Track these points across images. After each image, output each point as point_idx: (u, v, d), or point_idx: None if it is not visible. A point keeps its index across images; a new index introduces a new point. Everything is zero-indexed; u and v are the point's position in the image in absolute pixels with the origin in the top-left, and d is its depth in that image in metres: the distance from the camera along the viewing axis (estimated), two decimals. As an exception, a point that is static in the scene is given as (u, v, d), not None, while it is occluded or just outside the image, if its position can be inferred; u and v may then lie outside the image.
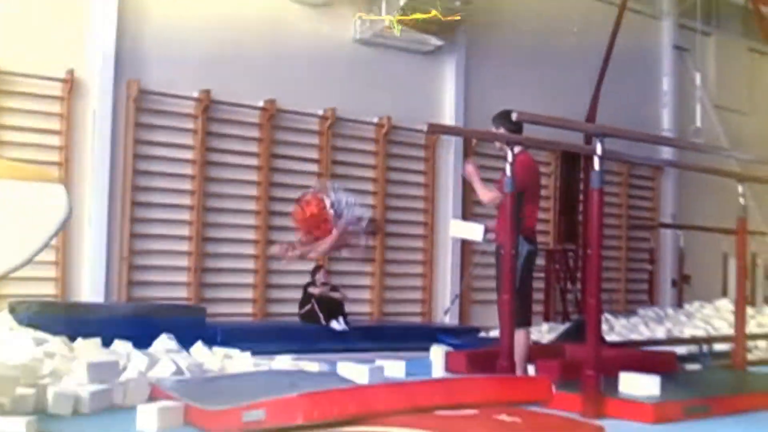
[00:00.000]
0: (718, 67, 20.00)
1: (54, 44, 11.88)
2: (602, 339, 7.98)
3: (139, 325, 10.10)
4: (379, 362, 8.60)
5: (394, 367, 8.55)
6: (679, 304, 16.88)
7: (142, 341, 8.62)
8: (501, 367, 7.35)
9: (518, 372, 7.71)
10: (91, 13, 12.13)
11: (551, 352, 9.51)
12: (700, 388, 8.15)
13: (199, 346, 8.63)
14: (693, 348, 11.49)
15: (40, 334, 8.54)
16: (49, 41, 11.83)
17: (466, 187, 14.68)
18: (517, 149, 8.02)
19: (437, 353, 9.20)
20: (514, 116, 7.10)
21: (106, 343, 8.32)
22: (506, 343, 7.46)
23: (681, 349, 11.18)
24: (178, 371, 7.32)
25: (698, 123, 18.52)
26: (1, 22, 11.52)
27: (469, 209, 15.02)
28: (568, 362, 8.27)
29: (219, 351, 8.64)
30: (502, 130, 8.11)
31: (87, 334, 8.44)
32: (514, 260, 7.63)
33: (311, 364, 8.26)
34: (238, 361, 8.26)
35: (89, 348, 7.98)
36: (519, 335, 7.75)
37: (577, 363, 7.27)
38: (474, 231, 8.55)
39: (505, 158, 7.70)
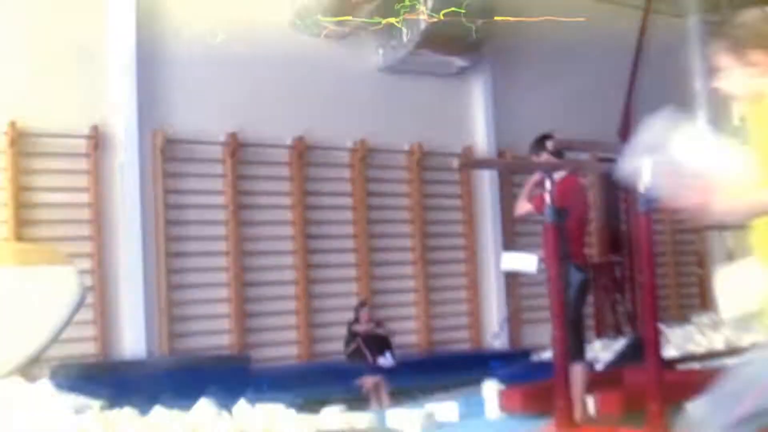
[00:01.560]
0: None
1: (76, 101, 11.70)
2: (662, 361, 7.65)
3: (183, 379, 10.09)
4: (429, 406, 8.33)
5: (446, 410, 8.27)
6: (735, 308, 16.40)
7: (188, 394, 8.48)
8: (558, 407, 7.06)
9: (576, 408, 7.41)
10: (109, 65, 11.93)
11: (609, 379, 9.17)
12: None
13: (242, 405, 8.41)
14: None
15: (81, 401, 8.45)
16: (71, 98, 11.66)
17: (505, 208, 14.38)
18: (560, 174, 7.71)
19: (490, 391, 8.86)
20: (549, 145, 6.82)
21: (151, 403, 8.18)
22: (561, 380, 7.17)
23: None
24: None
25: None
26: (22, 84, 11.35)
27: (510, 229, 14.70)
28: (629, 392, 7.93)
29: (262, 408, 8.37)
30: (544, 156, 7.78)
31: (130, 393, 8.45)
32: (564, 292, 7.33)
33: (361, 417, 7.95)
34: (283, 423, 7.98)
35: (126, 420, 7.82)
36: (575, 370, 7.44)
37: (638, 392, 6.95)
38: (528, 262, 8.20)
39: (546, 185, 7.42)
